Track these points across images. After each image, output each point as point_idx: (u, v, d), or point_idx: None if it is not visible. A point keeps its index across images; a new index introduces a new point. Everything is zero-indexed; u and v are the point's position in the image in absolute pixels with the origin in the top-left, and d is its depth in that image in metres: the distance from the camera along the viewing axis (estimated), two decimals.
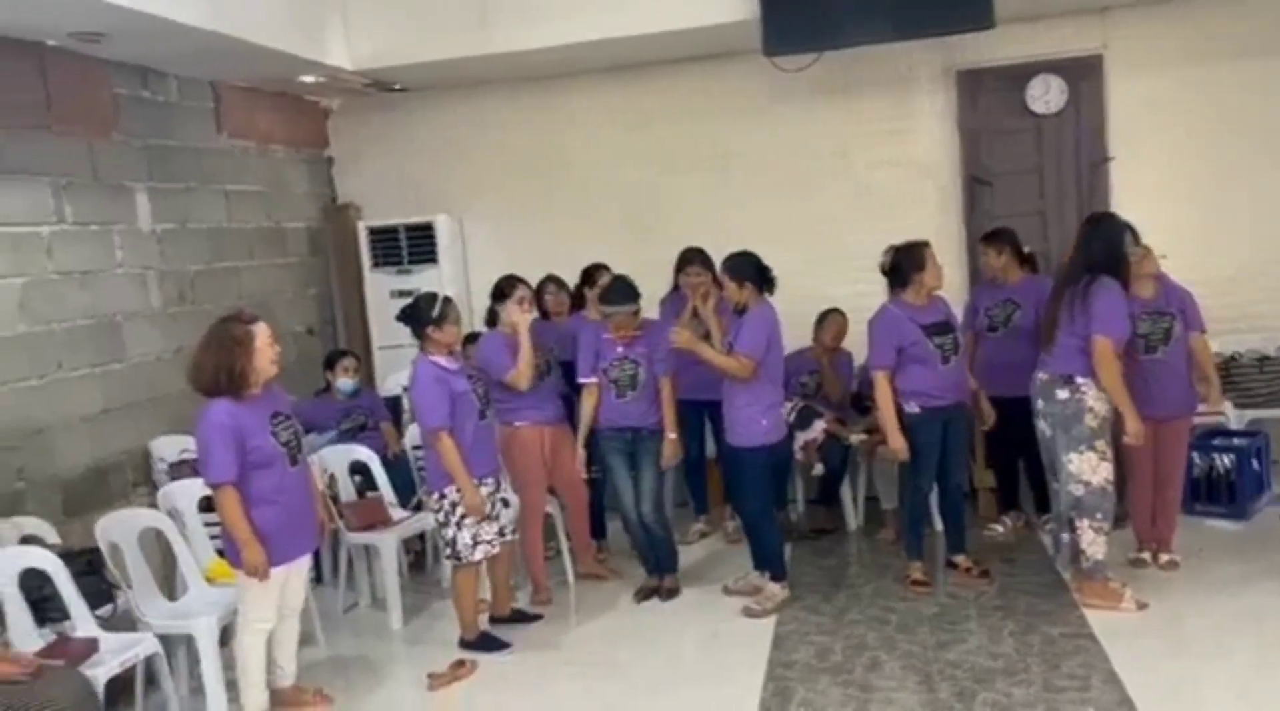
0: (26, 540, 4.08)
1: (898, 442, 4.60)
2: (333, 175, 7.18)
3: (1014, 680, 3.76)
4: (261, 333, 3.71)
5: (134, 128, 5.29)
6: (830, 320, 5.81)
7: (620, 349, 4.70)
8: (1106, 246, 4.32)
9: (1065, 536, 4.51)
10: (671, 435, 4.75)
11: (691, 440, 5.61)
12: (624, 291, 4.68)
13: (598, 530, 5.46)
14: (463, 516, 4.24)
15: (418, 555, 5.58)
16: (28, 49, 4.61)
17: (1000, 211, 6.30)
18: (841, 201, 6.44)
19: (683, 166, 6.59)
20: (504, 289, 4.90)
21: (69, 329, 4.78)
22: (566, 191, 6.76)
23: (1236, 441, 5.38)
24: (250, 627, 3.77)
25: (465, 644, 4.40)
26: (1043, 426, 4.45)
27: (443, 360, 4.32)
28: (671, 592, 4.87)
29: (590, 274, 5.55)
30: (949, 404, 4.65)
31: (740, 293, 4.52)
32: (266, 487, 3.65)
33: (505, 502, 4.49)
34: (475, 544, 4.28)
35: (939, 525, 5.08)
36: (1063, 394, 4.31)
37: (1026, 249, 5.42)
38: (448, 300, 4.40)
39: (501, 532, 4.41)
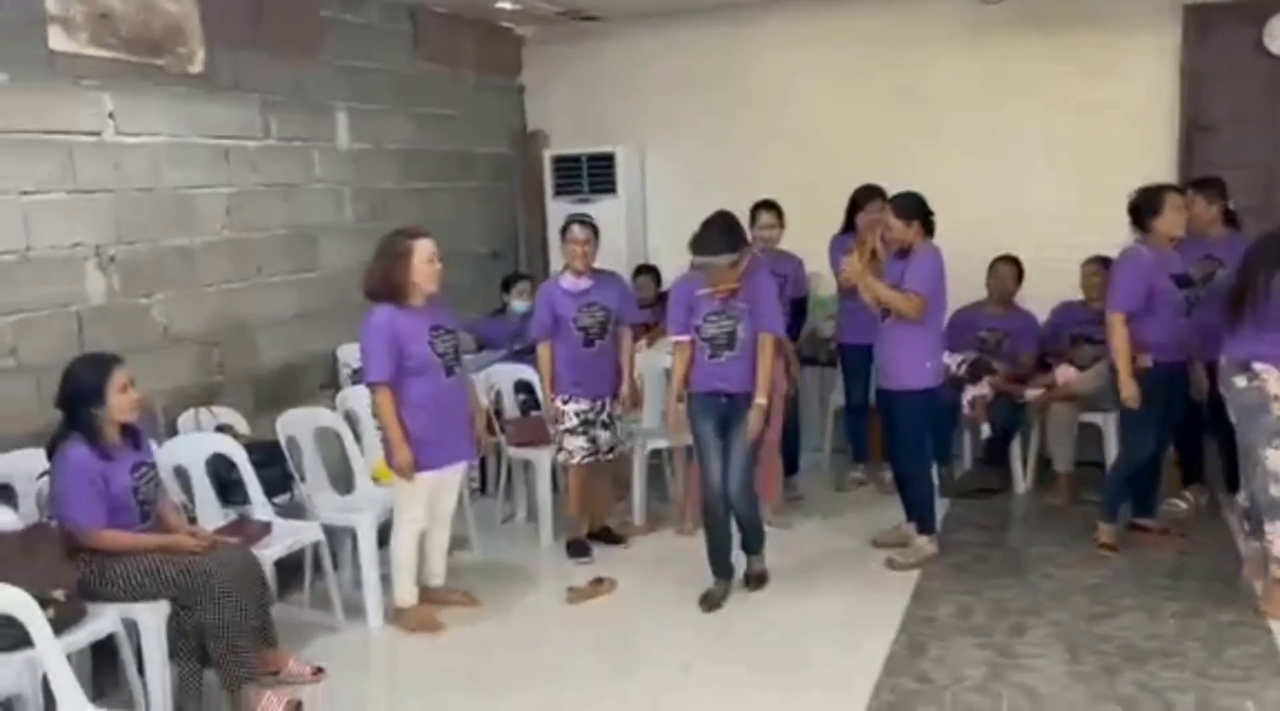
0: (220, 429, 4.48)
1: (1130, 390, 4.32)
2: (524, 102, 7.35)
3: (1167, 661, 3.54)
4: (422, 248, 3.87)
5: (336, 49, 5.57)
6: (999, 268, 5.52)
7: (717, 302, 4.13)
8: None
9: (1256, 543, 4.02)
10: (761, 401, 4.10)
11: (855, 383, 5.51)
12: (719, 238, 4.02)
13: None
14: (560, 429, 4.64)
15: None
16: None
17: (1221, 162, 5.73)
18: (1038, 147, 6.04)
19: (871, 101, 6.34)
20: None
21: (269, 237, 5.14)
22: (751, 124, 6.64)
23: None
24: (404, 526, 4.02)
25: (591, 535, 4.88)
26: (1230, 413, 4.07)
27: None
28: (760, 579, 4.38)
29: (755, 213, 5.45)
30: (1181, 360, 4.41)
31: (907, 232, 4.35)
32: (421, 394, 3.86)
33: (606, 424, 4.67)
34: (562, 451, 4.69)
35: None
36: (1240, 381, 3.92)
37: (1230, 204, 4.95)
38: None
39: (595, 452, 4.66)
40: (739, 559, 4.36)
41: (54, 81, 4.03)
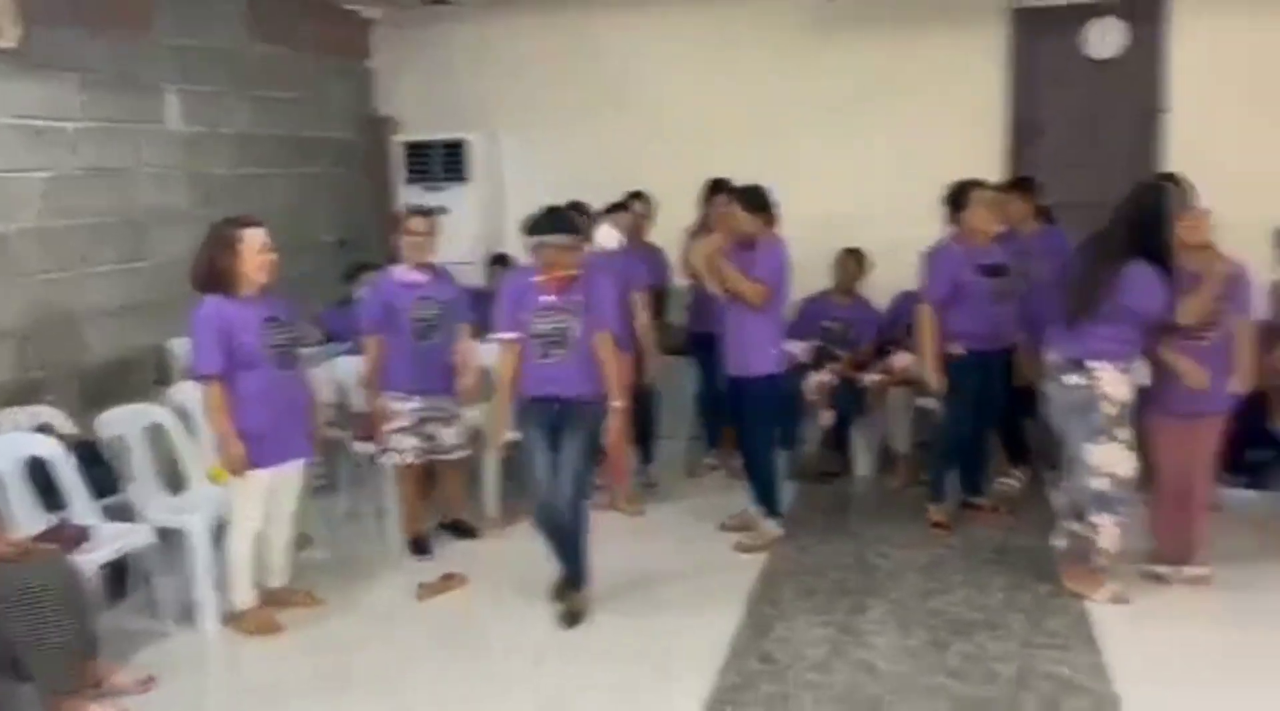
0: (42, 428, 4.21)
1: (935, 381, 4.55)
2: (372, 87, 7.16)
3: (993, 633, 3.73)
4: (252, 237, 3.73)
5: (166, 27, 5.30)
6: (843, 259, 5.72)
7: (550, 296, 3.83)
8: (1154, 222, 3.77)
9: (1075, 526, 4.02)
10: (616, 404, 3.86)
11: (707, 371, 5.60)
12: (558, 220, 3.86)
13: None
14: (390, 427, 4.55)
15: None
16: None
17: (1047, 161, 6.08)
18: (881, 142, 6.26)
19: (722, 93, 6.45)
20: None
21: (94, 224, 4.86)
22: (607, 113, 6.65)
23: None
24: (240, 526, 3.87)
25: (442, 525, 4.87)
26: (1050, 409, 4.07)
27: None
28: (575, 616, 3.89)
29: (627, 200, 5.49)
30: (994, 349, 4.64)
31: (752, 223, 4.44)
32: (254, 388, 3.72)
33: (447, 421, 4.61)
34: (389, 451, 4.60)
35: None
36: (1072, 379, 3.90)
37: (1045, 201, 5.31)
38: None
39: (434, 450, 4.62)
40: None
41: None
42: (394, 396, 4.54)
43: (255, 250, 3.73)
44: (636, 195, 5.56)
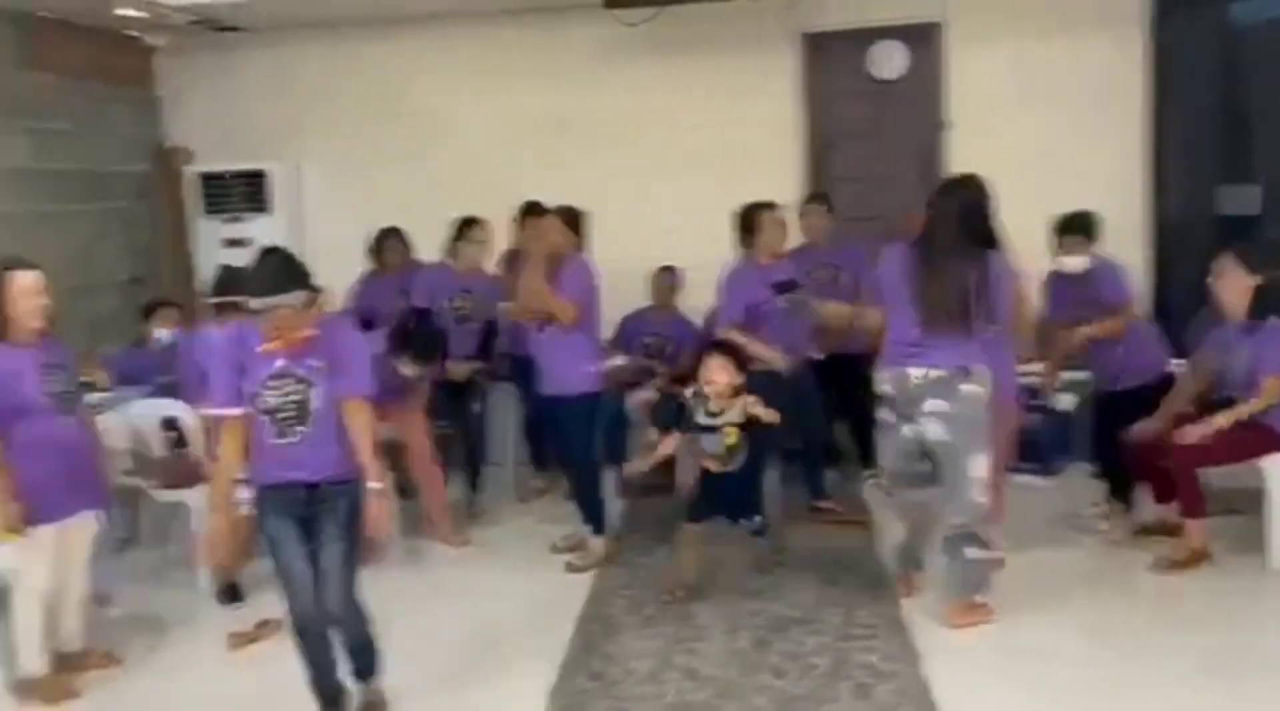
0: None
1: (775, 356, 4.65)
2: (161, 117, 6.83)
3: (809, 628, 3.87)
4: (21, 280, 3.49)
5: None
6: (659, 276, 5.84)
7: (280, 361, 3.08)
8: (979, 211, 3.74)
9: (973, 552, 3.76)
10: (375, 485, 3.18)
11: (531, 393, 5.58)
12: (282, 274, 3.03)
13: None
14: None
15: None
16: None
17: (841, 174, 6.40)
18: (683, 163, 6.44)
19: (526, 119, 6.50)
20: None
21: None
22: (408, 141, 6.58)
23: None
24: (25, 590, 3.58)
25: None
26: (934, 427, 3.71)
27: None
28: (375, 707, 3.41)
29: (462, 227, 5.41)
30: (796, 359, 4.79)
31: (568, 240, 4.51)
32: (31, 439, 3.45)
33: None
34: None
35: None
36: (966, 388, 3.66)
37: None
38: None
39: None
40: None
41: None
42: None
43: (23, 293, 3.48)
44: (473, 220, 5.46)
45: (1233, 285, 4.28)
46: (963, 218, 3.70)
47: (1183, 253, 6.04)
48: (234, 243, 6.30)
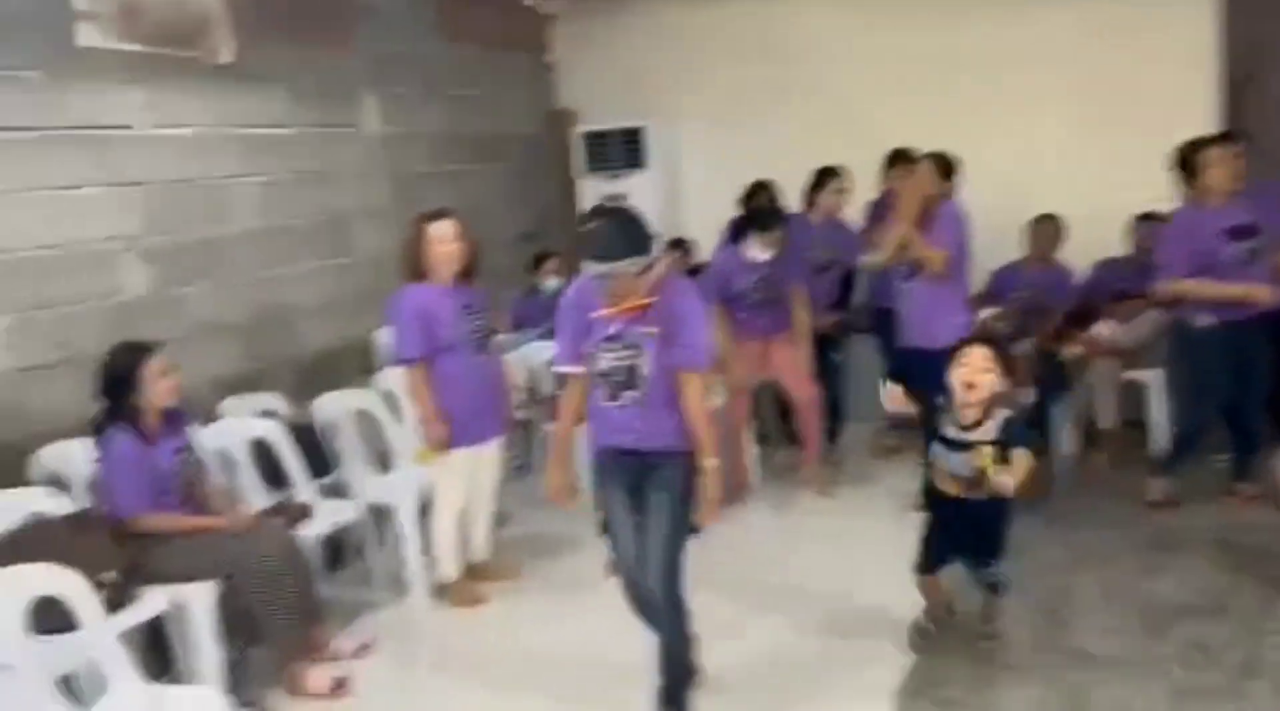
0: (265, 414, 4.55)
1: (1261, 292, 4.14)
2: (553, 81, 7.35)
3: (1212, 617, 3.50)
4: (435, 229, 3.93)
5: (364, 35, 5.61)
6: (1039, 225, 5.43)
7: (615, 325, 2.98)
8: None
9: None
10: (711, 462, 2.98)
11: (892, 348, 5.47)
12: (620, 237, 2.88)
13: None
14: None
15: None
16: None
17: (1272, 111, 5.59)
18: (1067, 102, 5.93)
19: (897, 61, 6.26)
20: None
21: (303, 225, 5.20)
22: (786, 95, 6.57)
23: None
24: (444, 503, 4.08)
25: None
26: None
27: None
28: None
29: (820, 177, 5.43)
30: (1249, 316, 4.25)
31: (936, 190, 4.35)
32: (451, 372, 3.91)
33: None
34: None
35: None
36: None
37: None
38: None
39: None
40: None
41: (84, 77, 4.11)
42: None
43: (438, 240, 3.92)
44: (832, 170, 5.45)
45: None
46: None
47: None
48: (613, 198, 6.68)
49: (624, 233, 2.88)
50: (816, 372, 5.23)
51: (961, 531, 3.35)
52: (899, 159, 5.23)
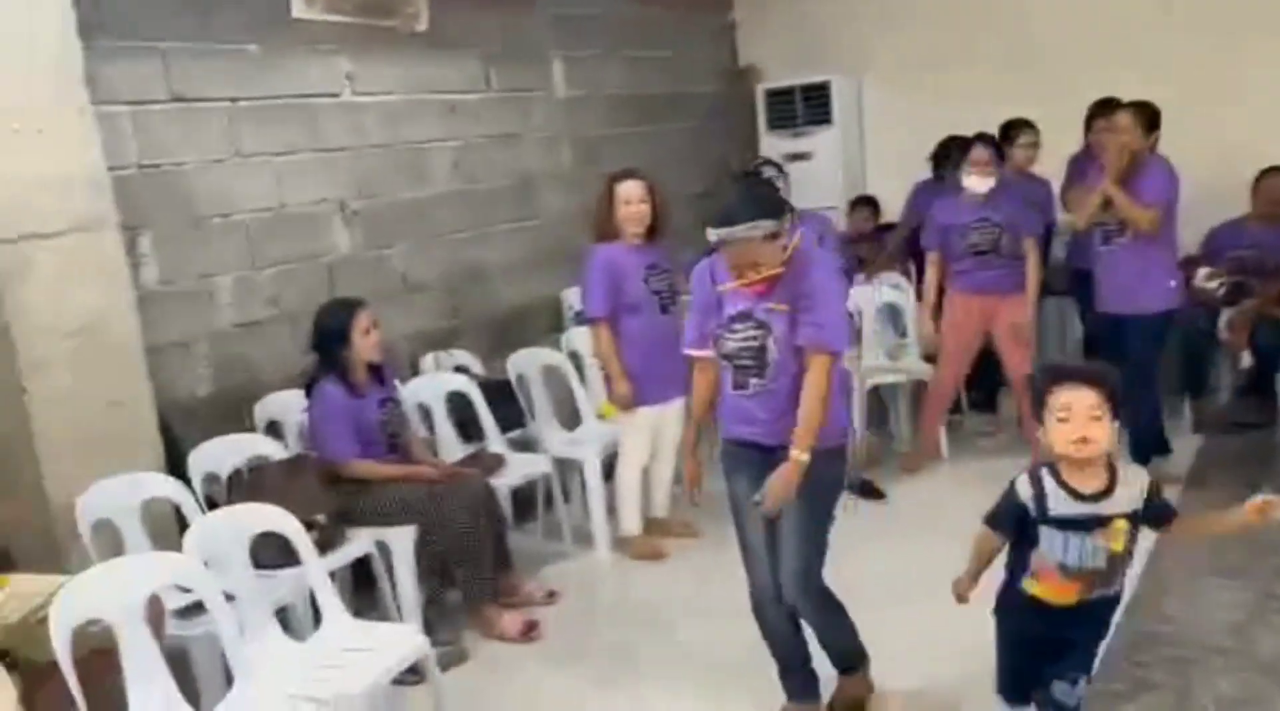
0: (458, 369, 4.76)
1: None
2: (736, 39, 7.27)
3: None
4: (622, 190, 4.00)
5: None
6: (1268, 180, 4.99)
7: (743, 303, 2.70)
8: None
9: None
10: (800, 456, 2.60)
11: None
12: (747, 202, 2.61)
13: None
14: None
15: None
16: None
17: None
18: None
19: (1111, 7, 5.85)
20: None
21: (493, 187, 5.37)
22: (976, 45, 6.27)
23: None
24: (627, 459, 4.17)
25: None
26: None
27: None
28: (855, 707, 3.01)
29: (1009, 130, 5.19)
30: None
31: (1143, 141, 4.06)
32: (637, 331, 3.97)
33: None
34: None
35: None
36: None
37: None
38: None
39: None
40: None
41: (297, 48, 4.35)
42: None
43: (625, 201, 3.97)
44: (1024, 122, 5.18)
45: None
46: None
47: None
48: (796, 157, 6.57)
49: (749, 196, 2.68)
50: None
51: (1060, 644, 2.41)
52: (1103, 109, 4.90)
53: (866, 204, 6.30)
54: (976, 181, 4.50)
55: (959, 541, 2.59)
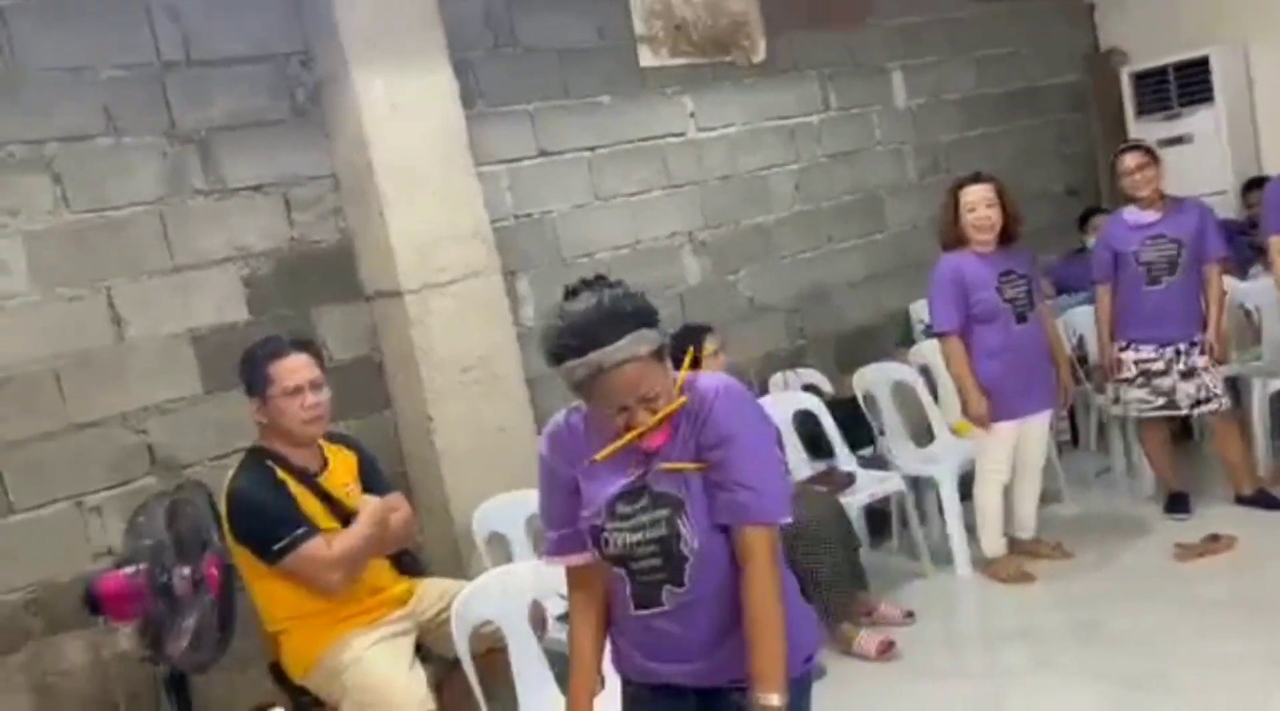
0: (806, 388, 4.82)
1: None
2: (1095, 21, 6.76)
3: None
4: (968, 194, 3.85)
5: (885, 10, 5.64)
6: None
7: (626, 474, 1.86)
8: None
9: None
10: (771, 702, 1.74)
11: None
12: (608, 313, 1.77)
13: None
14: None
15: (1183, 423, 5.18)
16: None
17: None
18: None
19: None
20: None
21: (836, 205, 5.39)
22: None
23: None
24: (985, 477, 3.99)
25: (1240, 499, 4.21)
26: None
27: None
28: None
29: None
30: None
31: None
32: (991, 342, 3.81)
33: (1186, 374, 4.08)
34: (1119, 403, 4.33)
35: None
36: None
37: None
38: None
39: (1168, 405, 4.15)
40: None
41: (644, 94, 4.66)
42: (1121, 346, 4.25)
43: (969, 207, 3.83)
44: None
45: None
46: None
47: None
48: (1172, 142, 5.98)
49: (608, 305, 1.77)
50: None
51: None
52: None
53: (1262, 186, 5.58)
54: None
55: None
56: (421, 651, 2.88)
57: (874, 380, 4.56)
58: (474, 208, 3.82)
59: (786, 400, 4.51)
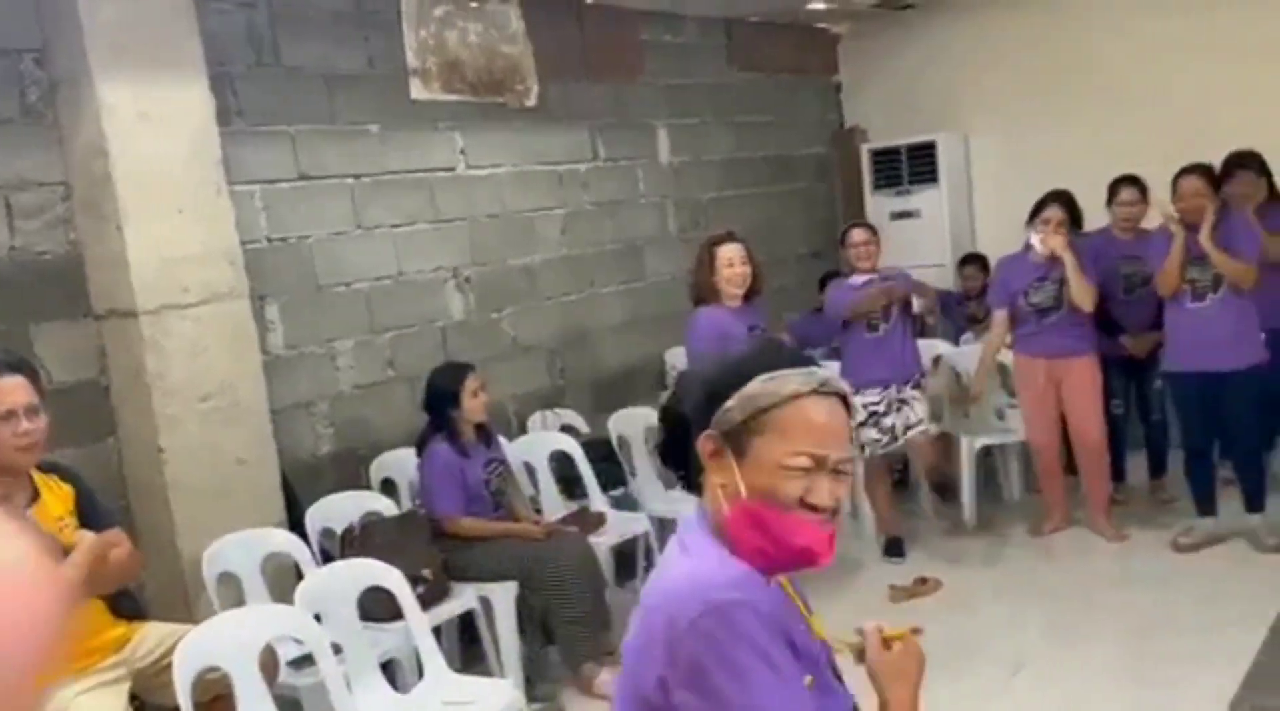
0: (564, 428, 4.90)
1: None
2: (841, 100, 7.34)
3: None
4: (723, 253, 4.06)
5: (655, 69, 5.89)
6: None
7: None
8: None
9: None
10: None
11: None
12: None
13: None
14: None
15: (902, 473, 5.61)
16: (569, 6, 5.33)
17: None
18: None
19: (1241, 54, 5.67)
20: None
21: (600, 252, 5.54)
22: (1087, 99, 6.17)
23: None
24: None
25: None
26: None
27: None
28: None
29: (1115, 189, 5.06)
30: None
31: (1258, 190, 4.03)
32: None
33: (899, 406, 4.56)
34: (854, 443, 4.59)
35: None
36: None
37: None
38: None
39: (891, 440, 4.57)
40: None
41: (414, 126, 4.62)
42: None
43: (725, 263, 4.05)
44: (1128, 179, 5.01)
45: None
46: None
47: None
48: (903, 215, 6.58)
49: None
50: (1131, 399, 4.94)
51: None
52: (1237, 164, 4.69)
53: (975, 261, 6.22)
54: (1036, 241, 4.53)
55: None
56: (136, 702, 2.67)
57: (627, 423, 4.69)
58: (224, 227, 3.65)
59: (544, 440, 4.55)
